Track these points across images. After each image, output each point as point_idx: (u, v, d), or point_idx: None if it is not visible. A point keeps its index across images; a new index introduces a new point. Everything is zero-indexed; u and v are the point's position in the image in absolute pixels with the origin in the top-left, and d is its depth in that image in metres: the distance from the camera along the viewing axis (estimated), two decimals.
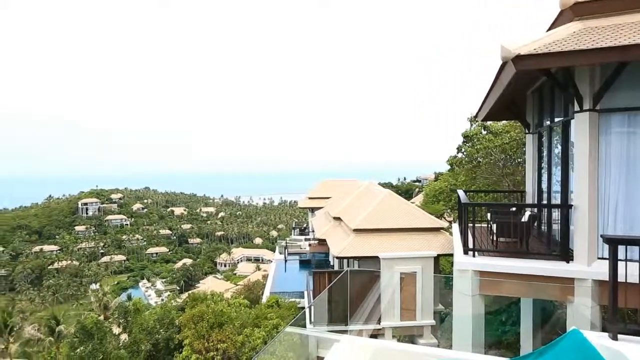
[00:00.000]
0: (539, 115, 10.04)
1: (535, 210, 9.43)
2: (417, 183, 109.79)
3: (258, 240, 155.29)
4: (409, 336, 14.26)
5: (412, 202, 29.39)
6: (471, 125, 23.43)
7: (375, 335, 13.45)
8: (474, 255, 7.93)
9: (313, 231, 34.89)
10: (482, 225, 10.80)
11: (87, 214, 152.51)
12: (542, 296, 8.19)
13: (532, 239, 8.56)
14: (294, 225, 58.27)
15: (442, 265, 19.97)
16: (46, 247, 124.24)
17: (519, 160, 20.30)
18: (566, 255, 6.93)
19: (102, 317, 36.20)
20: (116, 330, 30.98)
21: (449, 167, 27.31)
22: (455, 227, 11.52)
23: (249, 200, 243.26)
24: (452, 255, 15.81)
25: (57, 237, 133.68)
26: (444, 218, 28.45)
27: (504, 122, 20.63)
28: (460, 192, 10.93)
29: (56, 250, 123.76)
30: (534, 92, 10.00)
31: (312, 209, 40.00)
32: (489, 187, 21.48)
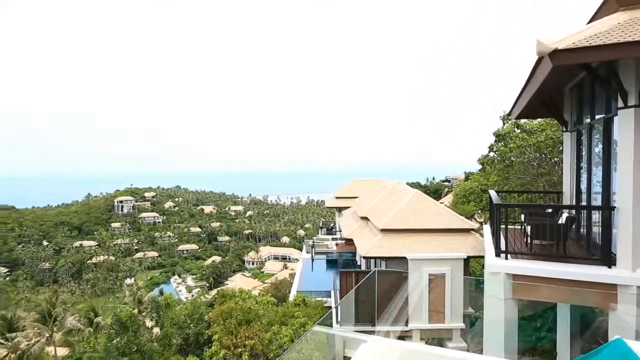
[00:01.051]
0: (578, 113, 9.57)
1: (574, 212, 9.00)
2: (446, 183, 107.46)
3: (285, 239, 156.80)
4: (437, 339, 13.98)
5: (441, 203, 28.80)
6: (503, 123, 22.66)
7: (402, 337, 13.27)
8: (506, 258, 7.67)
9: (340, 231, 34.83)
10: (515, 227, 10.42)
11: (122, 211, 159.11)
12: (581, 302, 7.81)
13: (569, 242, 8.18)
14: (321, 225, 58.43)
15: (472, 267, 19.45)
16: (85, 243, 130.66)
17: (555, 159, 19.44)
18: (608, 259, 6.57)
19: (136, 311, 37.67)
20: (149, 323, 32.14)
21: (479, 166, 26.52)
22: (487, 229, 11.17)
23: (277, 200, 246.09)
24: (482, 257, 15.37)
25: (95, 233, 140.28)
26: (475, 219, 27.68)
27: (539, 120, 19.82)
28: (492, 193, 10.59)
29: (94, 246, 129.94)
30: (572, 88, 9.54)
31: (339, 209, 39.95)
32: (523, 187, 20.70)
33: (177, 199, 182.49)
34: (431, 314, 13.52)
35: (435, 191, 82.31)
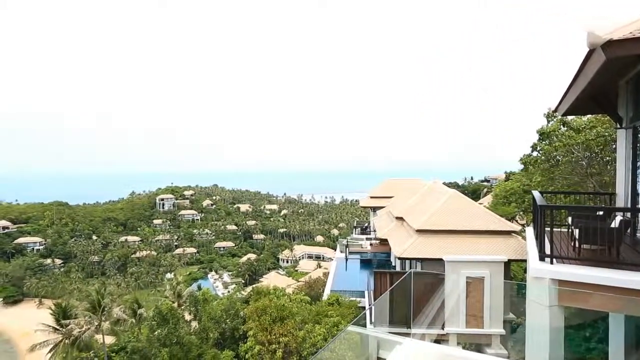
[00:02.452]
0: (635, 108, 8.88)
1: (629, 214, 8.37)
2: (485, 183, 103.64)
3: (319, 238, 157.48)
4: (475, 344, 13.50)
5: (480, 203, 27.79)
6: (548, 121, 21.49)
7: (438, 340, 12.93)
8: (551, 263, 7.26)
9: (374, 231, 34.50)
10: (562, 230, 9.85)
11: (163, 208, 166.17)
12: (636, 313, 7.25)
13: (624, 247, 7.61)
14: (355, 224, 58.17)
15: (513, 271, 18.65)
16: (130, 238, 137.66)
17: (607, 158, 18.21)
18: None
19: (175, 305, 39.17)
20: (188, 317, 33.35)
21: (522, 166, 25.33)
22: (529, 231, 10.64)
23: (311, 199, 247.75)
24: (524, 261, 14.68)
25: (138, 229, 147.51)
26: (516, 221, 26.50)
27: (588, 116, 18.64)
28: (536, 194, 10.07)
29: (138, 241, 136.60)
30: (628, 81, 8.87)
31: (374, 208, 39.59)
32: (570, 188, 19.55)
33: (214, 198, 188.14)
34: (469, 318, 13.07)
35: (473, 192, 79.68)
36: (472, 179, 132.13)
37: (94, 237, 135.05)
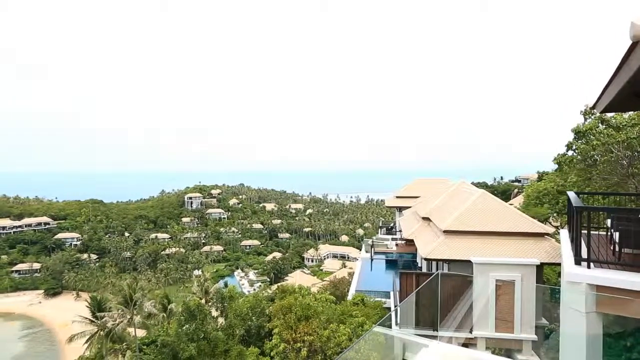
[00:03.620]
0: None
1: None
2: (516, 183, 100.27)
3: (344, 238, 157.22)
4: (505, 350, 13.07)
5: (510, 204, 26.89)
6: (585, 119, 20.50)
7: (466, 344, 12.60)
8: (588, 267, 6.92)
9: (400, 231, 34.06)
10: (599, 232, 9.37)
11: (191, 207, 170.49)
12: None
13: None
14: (380, 224, 57.62)
15: (546, 275, 17.96)
16: (160, 235, 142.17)
17: None
18: None
19: (203, 301, 40.14)
20: (214, 313, 34.04)
21: (556, 166, 24.30)
22: (564, 234, 10.20)
23: (336, 198, 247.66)
24: (558, 264, 14.07)
25: (168, 226, 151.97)
26: (550, 223, 25.49)
27: (630, 113, 17.66)
28: (571, 194, 9.64)
29: (167, 238, 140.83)
30: None
31: (400, 208, 39.09)
32: (609, 189, 18.58)
33: (241, 196, 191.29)
34: (498, 323, 12.67)
35: (503, 192, 77.30)
36: (501, 179, 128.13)
37: (127, 234, 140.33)
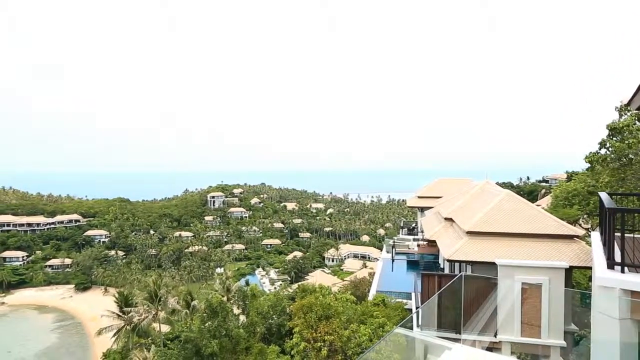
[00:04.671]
0: None
1: None
2: (543, 184, 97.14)
3: (365, 238, 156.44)
4: (532, 355, 12.69)
5: (538, 205, 26.06)
6: (620, 115, 19.59)
7: (490, 348, 12.29)
8: (622, 271, 6.61)
9: (422, 231, 33.60)
10: (634, 235, 8.93)
11: (214, 206, 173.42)
12: None
13: None
14: (402, 225, 56.98)
15: (575, 278, 17.31)
16: (184, 233, 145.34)
17: None
18: None
19: (225, 298, 40.75)
20: (236, 311, 34.52)
21: (586, 165, 23.36)
22: (595, 236, 9.79)
23: (357, 198, 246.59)
24: (589, 268, 13.54)
25: (191, 225, 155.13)
26: (579, 225, 24.54)
27: None
28: (604, 195, 9.24)
29: (191, 237, 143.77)
30: None
31: (422, 209, 38.56)
32: None
33: (262, 196, 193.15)
34: (524, 327, 12.30)
35: (529, 192, 75.11)
36: (528, 179, 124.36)
37: (152, 232, 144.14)
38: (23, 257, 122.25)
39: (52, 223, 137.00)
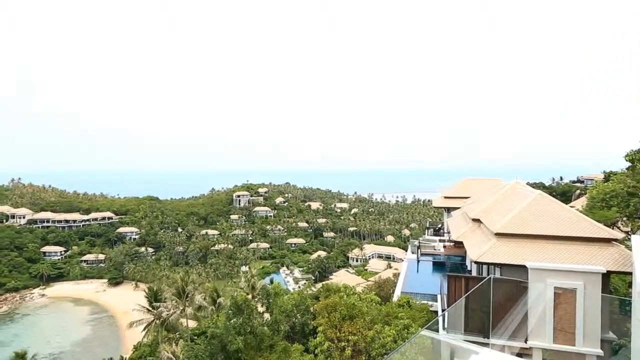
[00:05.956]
0: None
1: None
2: (578, 184, 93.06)
3: (390, 238, 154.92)
4: None
5: (572, 207, 24.94)
6: None
7: (520, 354, 11.87)
8: None
9: (448, 232, 32.88)
10: None
11: (239, 205, 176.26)
12: None
13: None
14: (427, 225, 56.07)
15: (614, 284, 16.49)
16: (210, 231, 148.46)
17: None
18: None
19: (250, 296, 41.26)
20: (260, 309, 34.88)
21: (626, 164, 22.16)
22: (636, 240, 9.26)
23: (382, 198, 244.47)
24: (629, 274, 12.83)
25: (217, 223, 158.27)
26: (618, 228, 23.29)
27: None
28: None
29: (217, 235, 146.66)
30: None
31: (448, 209, 37.73)
32: None
33: (286, 195, 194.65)
34: (557, 333, 11.79)
35: (563, 193, 72.15)
36: (561, 179, 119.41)
37: (179, 230, 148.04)
38: (61, 252, 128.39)
39: (87, 220, 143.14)
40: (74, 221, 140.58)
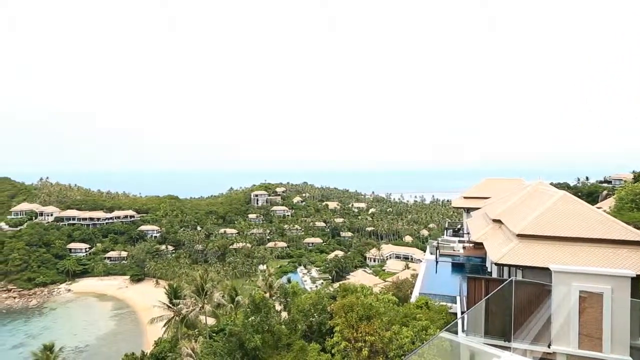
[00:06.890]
0: None
1: None
2: (605, 185, 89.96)
3: (408, 238, 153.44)
4: None
5: (599, 208, 24.12)
6: None
7: (543, 359, 11.52)
8: None
9: (468, 233, 32.32)
10: None
11: (257, 204, 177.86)
12: None
13: None
14: (446, 226, 55.20)
15: None
16: (228, 230, 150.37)
17: None
18: None
19: (267, 295, 41.61)
20: (278, 307, 35.10)
21: None
22: None
23: (400, 198, 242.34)
24: None
25: (235, 222, 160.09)
26: None
27: None
28: None
29: (235, 234, 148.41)
30: None
31: (468, 209, 37.09)
32: None
33: (304, 195, 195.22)
34: (582, 338, 11.40)
35: (589, 194, 69.93)
36: (587, 179, 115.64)
37: (199, 228, 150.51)
38: (86, 248, 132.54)
39: (110, 218, 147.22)
40: (98, 219, 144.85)
